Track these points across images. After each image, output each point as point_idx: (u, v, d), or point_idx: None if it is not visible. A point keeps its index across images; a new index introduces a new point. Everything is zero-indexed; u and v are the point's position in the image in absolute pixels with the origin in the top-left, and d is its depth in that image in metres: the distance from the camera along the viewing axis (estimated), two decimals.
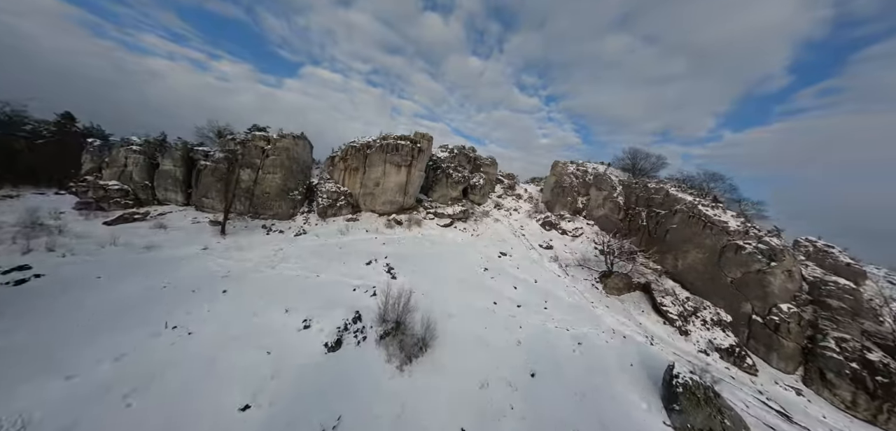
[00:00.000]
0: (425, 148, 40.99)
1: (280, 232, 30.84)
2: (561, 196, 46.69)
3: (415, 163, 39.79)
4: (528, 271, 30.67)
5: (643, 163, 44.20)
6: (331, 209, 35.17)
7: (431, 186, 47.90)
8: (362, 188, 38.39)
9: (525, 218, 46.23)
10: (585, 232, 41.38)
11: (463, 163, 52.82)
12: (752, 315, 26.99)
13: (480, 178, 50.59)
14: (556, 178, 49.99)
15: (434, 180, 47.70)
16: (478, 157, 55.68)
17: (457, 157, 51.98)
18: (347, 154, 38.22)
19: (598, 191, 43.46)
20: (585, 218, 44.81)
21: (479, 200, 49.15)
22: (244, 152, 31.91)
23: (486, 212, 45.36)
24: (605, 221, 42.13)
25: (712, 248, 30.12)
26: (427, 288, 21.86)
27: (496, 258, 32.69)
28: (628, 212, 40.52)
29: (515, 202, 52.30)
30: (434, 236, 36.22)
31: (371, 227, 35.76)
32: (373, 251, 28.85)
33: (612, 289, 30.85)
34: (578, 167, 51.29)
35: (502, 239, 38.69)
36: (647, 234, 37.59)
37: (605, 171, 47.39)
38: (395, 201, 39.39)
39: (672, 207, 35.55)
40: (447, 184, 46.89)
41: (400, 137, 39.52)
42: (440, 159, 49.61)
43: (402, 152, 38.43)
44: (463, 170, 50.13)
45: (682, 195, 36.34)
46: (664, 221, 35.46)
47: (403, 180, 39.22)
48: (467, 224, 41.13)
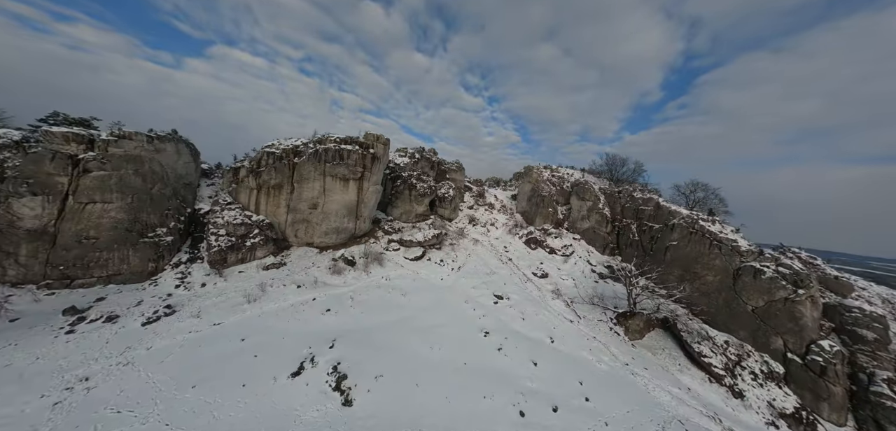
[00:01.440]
0: (381, 154, 26.43)
1: (108, 321, 14.03)
2: (541, 206, 35.57)
3: (368, 174, 25.12)
4: (536, 321, 21.52)
5: (621, 170, 34.61)
6: (234, 253, 19.06)
7: (391, 201, 33.30)
8: (291, 214, 22.78)
9: (506, 235, 34.13)
10: (575, 249, 31.11)
11: (426, 170, 38.94)
12: (786, 353, 21.33)
13: (449, 188, 37.08)
14: (532, 186, 38.68)
15: (394, 193, 33.14)
16: (442, 162, 42.33)
17: (419, 163, 37.83)
18: (262, 164, 21.85)
19: (580, 201, 33.42)
20: (569, 231, 34.17)
21: (449, 214, 35.79)
22: (22, 164, 14.19)
23: (461, 231, 32.27)
24: (591, 235, 31.92)
25: (724, 270, 24.31)
26: (415, 411, 11.22)
27: (493, 306, 21.54)
28: (615, 224, 30.62)
29: (489, 213, 40.00)
30: (404, 279, 22.58)
31: (305, 277, 20.86)
32: (307, 333, 14.77)
33: (635, 332, 22.97)
34: (554, 173, 40.71)
35: (489, 269, 26.09)
36: (641, 250, 27.91)
37: (583, 178, 37.22)
38: (343, 228, 24.42)
39: (667, 221, 27.79)
40: (411, 198, 32.73)
41: (345, 140, 24.48)
42: (400, 167, 35.02)
43: (349, 160, 23.60)
44: (428, 178, 36.11)
45: (678, 208, 28.56)
46: (661, 237, 29.15)
47: (353, 198, 24.40)
48: (443, 250, 27.56)
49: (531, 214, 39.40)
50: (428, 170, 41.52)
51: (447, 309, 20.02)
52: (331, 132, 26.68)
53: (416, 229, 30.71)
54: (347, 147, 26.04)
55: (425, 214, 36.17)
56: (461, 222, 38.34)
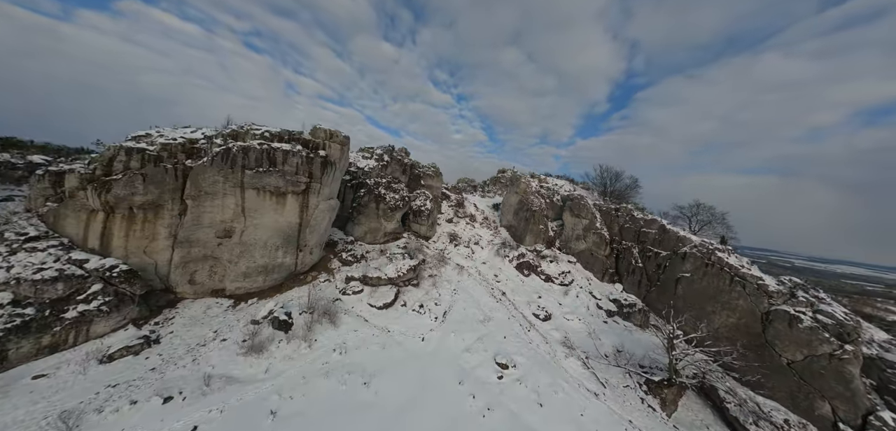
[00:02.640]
0: (337, 157, 16.73)
1: None
2: (531, 223, 28.14)
3: (317, 186, 15.47)
4: (556, 405, 14.16)
5: (614, 184, 28.00)
6: (30, 338, 7.29)
7: (352, 217, 23.48)
8: (181, 248, 12.26)
9: (493, 257, 25.96)
10: (574, 276, 25.02)
11: (397, 176, 29.31)
12: (837, 422, 16.23)
13: (425, 199, 27.82)
14: (519, 198, 30.86)
15: (357, 207, 23.31)
16: (416, 166, 32.87)
17: (389, 167, 27.97)
18: (116, 169, 10.40)
19: (574, 219, 26.95)
20: (562, 251, 27.11)
21: (426, 231, 26.65)
22: None
23: (441, 255, 23.64)
24: (588, 258, 25.02)
25: (750, 313, 19.45)
26: None
27: (496, 382, 15.21)
28: (614, 247, 23.65)
29: (471, 227, 31.55)
30: (368, 348, 15.30)
31: (189, 371, 9.96)
32: None
33: (670, 403, 16.99)
34: (542, 184, 33.18)
35: (483, 313, 19.40)
36: (645, 280, 21.37)
37: (575, 191, 30.38)
38: (277, 265, 14.51)
39: (675, 248, 24.39)
40: (378, 212, 23.18)
41: (280, 135, 14.13)
42: (364, 172, 24.96)
43: (287, 166, 13.55)
44: (399, 186, 26.51)
45: (686, 234, 25.29)
46: (669, 266, 24.08)
47: (293, 221, 14.55)
48: (422, 288, 18.51)
49: (519, 231, 31.59)
50: (399, 175, 31.82)
51: (435, 403, 11.32)
52: (258, 123, 15.94)
53: (385, 258, 21.08)
54: (283, 146, 15.76)
55: (397, 232, 26.58)
56: (440, 241, 29.31)
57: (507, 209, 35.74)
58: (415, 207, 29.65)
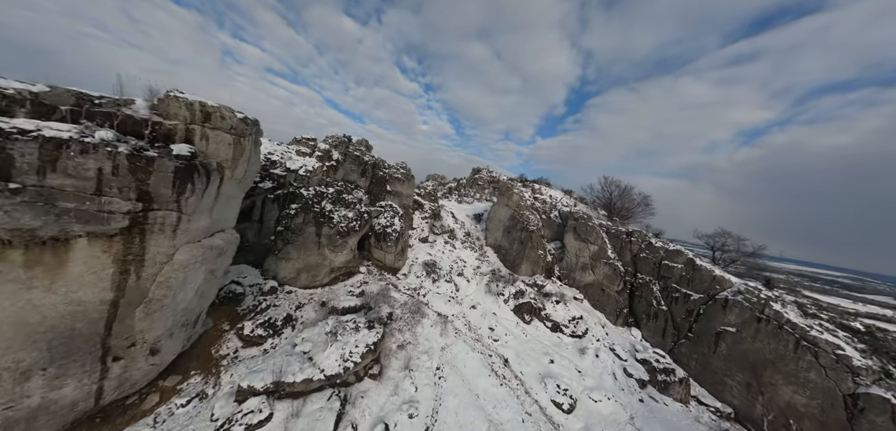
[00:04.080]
0: (227, 158, 9.05)
1: None
2: (527, 246, 21.76)
3: (166, 218, 8.78)
4: None
5: (622, 201, 21.99)
6: None
7: (278, 247, 13.12)
8: None
9: (484, 295, 18.17)
10: (588, 323, 20.14)
11: (354, 179, 19.38)
12: None
13: (393, 215, 18.57)
14: (511, 212, 23.36)
15: (286, 231, 12.65)
16: (380, 165, 23.56)
17: (341, 168, 18.05)
18: None
19: (580, 243, 21.75)
20: (562, 281, 20.37)
21: (394, 261, 17.45)
22: None
23: (417, 304, 14.81)
24: (597, 294, 18.69)
25: (828, 393, 13.88)
26: None
27: None
28: (627, 281, 21.55)
29: (451, 247, 23.48)
30: None
31: None
32: None
33: None
34: (536, 194, 25.92)
35: (487, 419, 12.32)
36: (671, 327, 15.02)
37: (575, 207, 24.22)
38: (24, 413, 5.30)
39: (710, 290, 19.04)
40: (321, 240, 14.06)
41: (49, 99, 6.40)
42: (300, 177, 14.37)
43: (73, 174, 6.95)
44: (355, 196, 16.65)
45: (724, 273, 19.19)
46: (706, 314, 18.61)
47: (90, 298, 8.12)
48: (385, 381, 9.84)
49: (512, 255, 24.13)
50: (357, 179, 22.06)
51: None
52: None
53: (323, 332, 11.47)
54: (61, 131, 5.06)
55: (350, 267, 17.22)
56: (413, 272, 20.52)
57: (494, 224, 27.91)
58: (378, 227, 20.23)
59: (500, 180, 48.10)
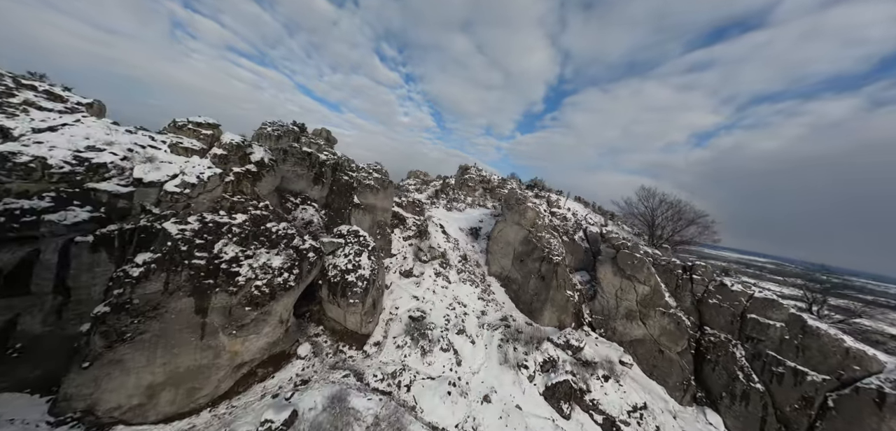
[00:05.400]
0: None
1: None
2: (551, 283, 15.73)
3: None
4: None
5: (672, 222, 14.71)
6: None
7: (99, 346, 8.13)
8: None
9: (496, 366, 9.96)
10: (652, 409, 11.72)
11: (300, 183, 10.59)
12: None
13: (359, 250, 9.35)
14: (525, 233, 15.10)
15: (132, 307, 8.14)
16: (343, 165, 14.53)
17: (274, 173, 10.25)
18: None
19: (622, 280, 17.10)
20: (596, 330, 12.47)
21: (359, 322, 8.65)
22: None
23: (394, 407, 9.35)
24: (652, 354, 12.00)
25: None
26: None
27: None
28: (692, 336, 15.13)
29: (443, 282, 14.33)
30: None
31: None
32: None
33: None
34: (553, 207, 18.02)
35: None
36: (773, 417, 7.34)
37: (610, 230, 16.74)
38: None
39: (841, 369, 11.68)
40: (210, 320, 9.07)
41: None
42: (168, 197, 10.10)
43: None
44: (300, 218, 8.76)
45: (857, 345, 11.66)
46: (838, 409, 11.29)
47: None
48: None
49: (526, 292, 16.73)
50: (306, 186, 13.35)
51: None
52: None
53: None
54: None
55: (279, 348, 8.06)
56: (391, 335, 12.30)
57: (500, 247, 20.03)
58: (334, 273, 11.42)
59: (491, 180, 40.38)
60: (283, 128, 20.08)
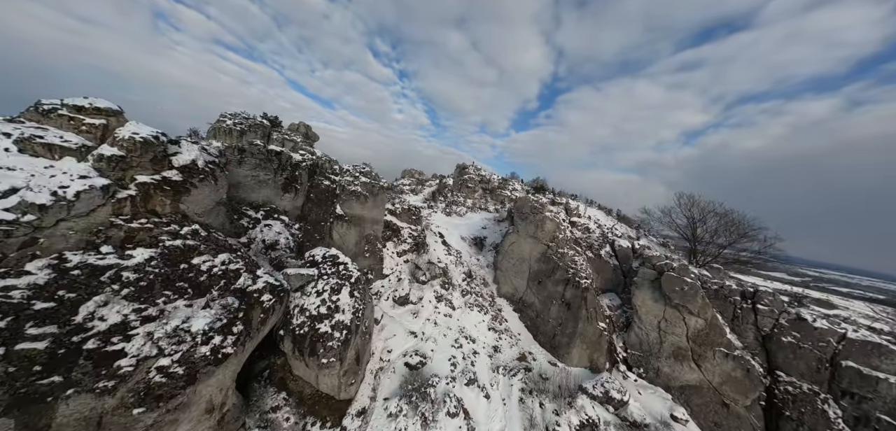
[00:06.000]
0: None
1: None
2: (581, 316, 12.13)
3: None
4: None
5: (725, 233, 10.93)
6: None
7: None
8: None
9: None
10: None
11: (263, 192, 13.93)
12: None
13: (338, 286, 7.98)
14: (543, 248, 11.53)
15: None
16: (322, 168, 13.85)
17: (212, 183, 10.65)
18: None
19: (668, 309, 13.16)
20: (634, 371, 11.21)
21: (337, 385, 9.90)
22: None
23: None
24: (711, 407, 14.21)
25: None
26: None
27: None
28: (775, 394, 11.41)
29: (446, 307, 11.04)
30: None
31: None
32: None
33: None
34: (574, 216, 14.28)
35: None
36: None
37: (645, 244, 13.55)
38: None
39: None
40: None
41: None
42: None
43: None
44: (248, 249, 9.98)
45: None
46: None
47: None
48: None
49: (547, 321, 13.09)
50: (272, 195, 9.98)
51: None
52: None
53: None
54: None
55: None
56: (380, 407, 8.28)
57: (512, 263, 16.36)
58: (299, 323, 7.28)
59: (491, 180, 36.67)
60: (248, 121, 15.90)
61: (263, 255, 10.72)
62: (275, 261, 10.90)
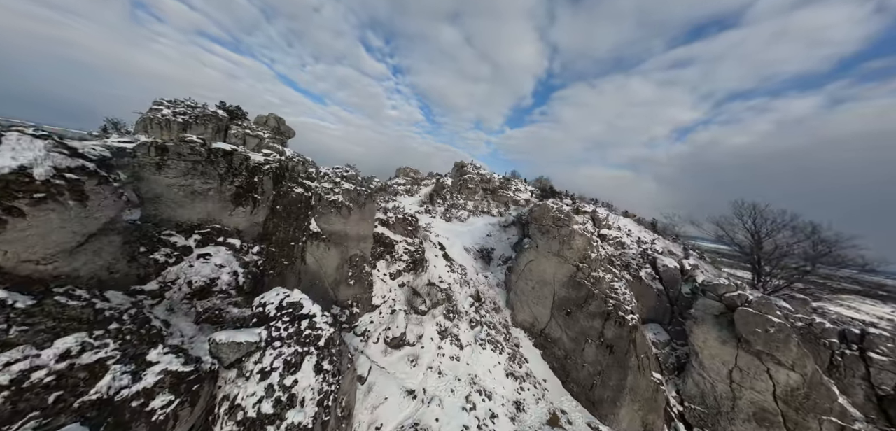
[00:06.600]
0: None
1: None
2: (630, 366, 11.70)
3: None
4: None
5: (813, 246, 7.16)
6: None
7: None
8: None
9: None
10: None
11: (209, 207, 10.76)
12: None
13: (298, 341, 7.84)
14: (571, 269, 8.03)
15: None
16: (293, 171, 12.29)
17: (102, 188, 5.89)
18: None
19: (741, 353, 9.50)
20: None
21: None
22: None
23: None
24: None
25: None
26: None
27: None
28: None
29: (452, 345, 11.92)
30: None
31: None
32: None
33: None
34: (599, 227, 10.01)
35: None
36: None
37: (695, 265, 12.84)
38: None
39: None
40: None
41: None
42: None
43: None
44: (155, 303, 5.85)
45: None
46: None
47: None
48: None
49: (580, 366, 10.30)
50: (216, 210, 9.92)
51: None
52: None
53: None
54: None
55: None
56: None
57: (531, 288, 12.75)
58: (235, 428, 3.52)
59: (492, 180, 32.98)
60: (195, 111, 11.90)
61: (183, 307, 6.81)
62: (207, 315, 6.99)
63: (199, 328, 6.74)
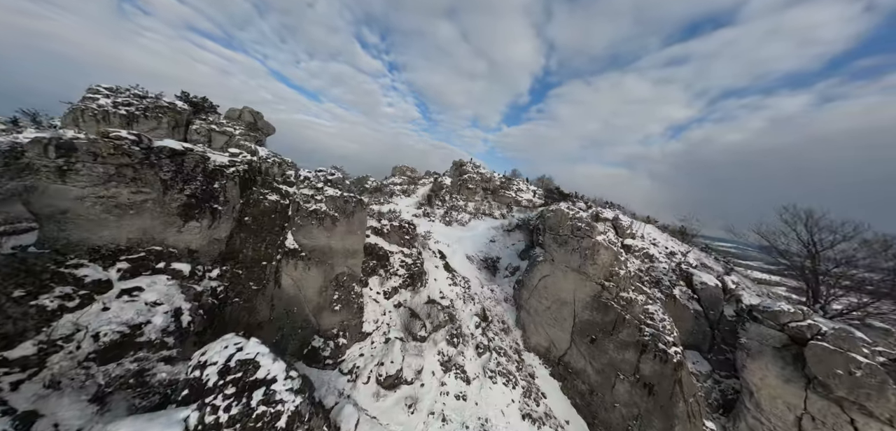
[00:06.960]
0: None
1: None
2: (677, 410, 9.84)
3: None
4: None
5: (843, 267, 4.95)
6: None
7: None
8: None
9: None
10: None
11: (147, 223, 8.38)
12: None
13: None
14: (596, 287, 6.84)
15: None
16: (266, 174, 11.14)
17: None
18: None
19: (812, 397, 7.19)
20: None
21: None
22: None
23: None
24: None
25: None
26: None
27: None
28: None
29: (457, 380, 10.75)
30: None
31: None
32: None
33: None
34: (623, 238, 7.95)
35: None
36: None
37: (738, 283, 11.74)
38: None
39: None
40: None
41: None
42: None
43: None
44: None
45: None
46: None
47: None
48: None
49: (607, 405, 9.90)
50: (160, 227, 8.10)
51: None
52: None
53: None
54: None
55: None
56: None
57: (546, 307, 10.62)
58: None
59: (492, 179, 30.82)
60: (144, 101, 9.62)
61: (77, 378, 4.53)
62: (120, 382, 4.72)
63: (98, 409, 4.47)
